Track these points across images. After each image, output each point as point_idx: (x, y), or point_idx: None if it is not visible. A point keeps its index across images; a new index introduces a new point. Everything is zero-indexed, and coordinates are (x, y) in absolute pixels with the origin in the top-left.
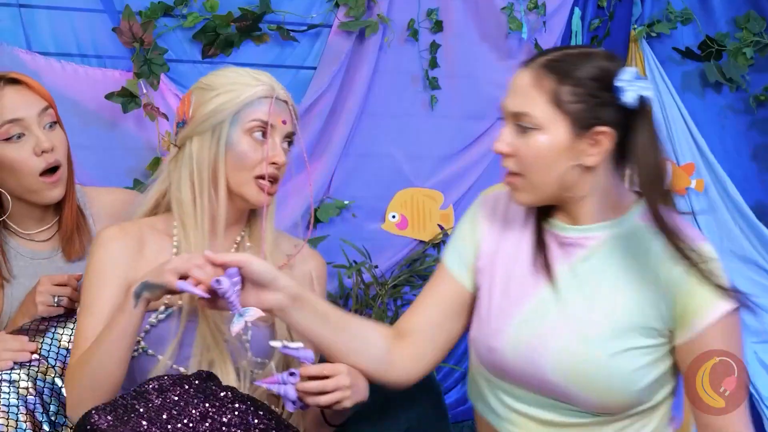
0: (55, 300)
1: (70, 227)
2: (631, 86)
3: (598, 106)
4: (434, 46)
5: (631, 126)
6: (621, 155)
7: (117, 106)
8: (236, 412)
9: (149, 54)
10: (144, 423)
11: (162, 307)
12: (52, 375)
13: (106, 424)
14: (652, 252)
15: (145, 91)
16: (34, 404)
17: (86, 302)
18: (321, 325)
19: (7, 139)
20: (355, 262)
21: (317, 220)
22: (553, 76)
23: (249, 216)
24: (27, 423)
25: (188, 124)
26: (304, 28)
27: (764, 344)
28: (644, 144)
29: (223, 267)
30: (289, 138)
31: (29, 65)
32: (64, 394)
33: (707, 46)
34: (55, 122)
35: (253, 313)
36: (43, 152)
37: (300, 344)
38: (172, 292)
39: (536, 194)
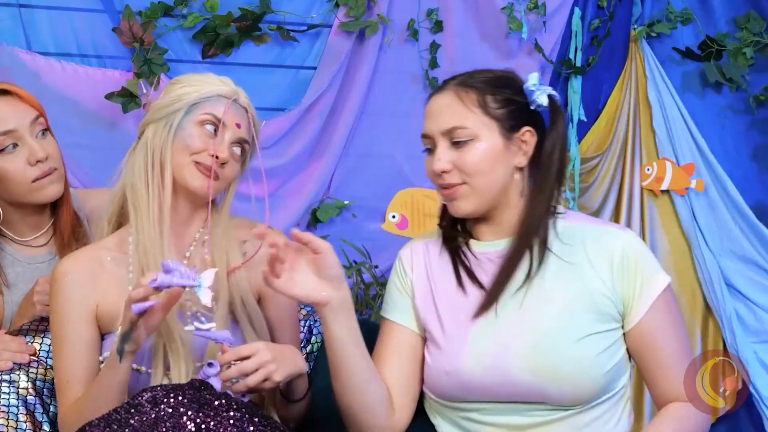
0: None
1: (67, 230)
2: (538, 89)
3: (518, 110)
4: (434, 46)
5: (547, 126)
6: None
7: (117, 106)
8: (231, 420)
9: (149, 54)
10: None
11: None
12: (52, 376)
13: None
14: (587, 246)
15: (145, 91)
16: (34, 404)
17: (57, 342)
18: (353, 342)
19: (1, 151)
20: (355, 262)
21: (317, 220)
22: (473, 89)
23: (202, 215)
24: (27, 423)
25: (148, 112)
26: (304, 28)
27: (764, 344)
28: (554, 139)
29: (308, 245)
30: (241, 144)
31: (29, 65)
32: None
33: (707, 46)
34: (46, 129)
35: (208, 274)
36: (37, 162)
37: (212, 324)
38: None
39: (479, 200)
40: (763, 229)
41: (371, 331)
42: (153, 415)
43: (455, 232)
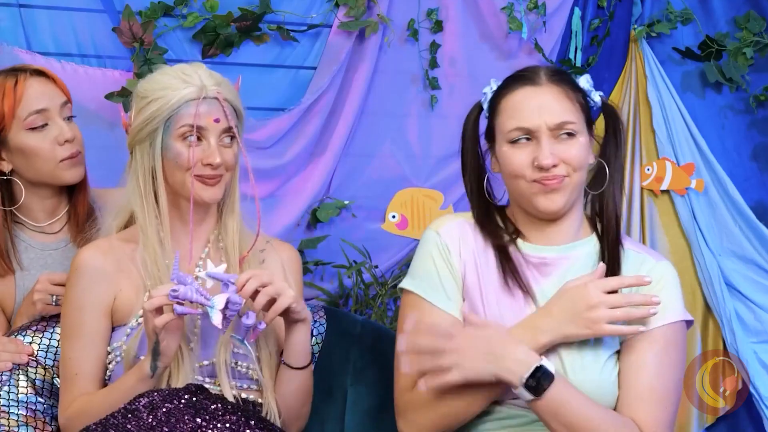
0: (54, 299)
1: (83, 216)
2: (591, 90)
3: (588, 109)
4: (434, 46)
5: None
6: None
7: (117, 105)
8: (228, 424)
9: (149, 54)
10: None
11: (140, 313)
12: (51, 375)
13: None
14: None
15: None
16: (35, 404)
17: (68, 333)
18: None
19: (33, 129)
20: (355, 262)
21: (317, 220)
22: (569, 86)
23: (219, 216)
24: (27, 423)
25: (129, 134)
26: (304, 28)
27: (764, 344)
28: (615, 141)
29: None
30: (228, 133)
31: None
32: None
33: (707, 46)
34: (71, 116)
35: (220, 298)
36: (66, 141)
37: (224, 265)
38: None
39: (572, 195)
40: (763, 229)
41: (373, 332)
42: (150, 420)
43: (501, 230)
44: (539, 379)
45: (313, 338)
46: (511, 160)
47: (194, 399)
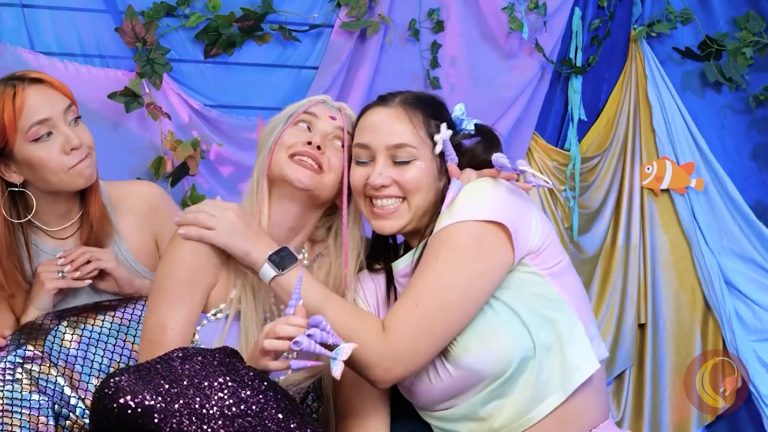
0: (59, 274)
1: (97, 218)
2: (465, 117)
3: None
4: (435, 46)
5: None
6: None
7: (120, 105)
8: (255, 390)
9: (152, 54)
10: (165, 384)
11: (222, 306)
12: (54, 373)
13: (126, 381)
14: None
15: (147, 90)
16: (39, 402)
17: (171, 298)
18: None
19: (37, 140)
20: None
21: None
22: (420, 110)
23: (327, 230)
24: (30, 421)
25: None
26: (306, 28)
27: (763, 342)
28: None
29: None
30: (339, 137)
31: (32, 65)
32: (66, 393)
33: (707, 46)
34: (78, 117)
35: (347, 348)
36: (72, 149)
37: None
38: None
39: (410, 217)
40: (763, 229)
41: None
42: (179, 369)
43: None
44: (283, 258)
45: None
46: (353, 180)
47: (227, 360)
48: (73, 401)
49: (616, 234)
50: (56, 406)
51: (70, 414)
